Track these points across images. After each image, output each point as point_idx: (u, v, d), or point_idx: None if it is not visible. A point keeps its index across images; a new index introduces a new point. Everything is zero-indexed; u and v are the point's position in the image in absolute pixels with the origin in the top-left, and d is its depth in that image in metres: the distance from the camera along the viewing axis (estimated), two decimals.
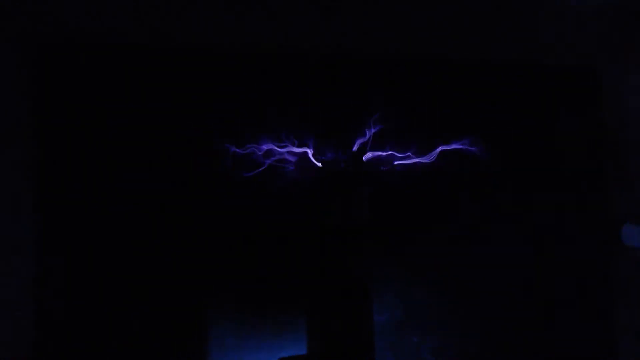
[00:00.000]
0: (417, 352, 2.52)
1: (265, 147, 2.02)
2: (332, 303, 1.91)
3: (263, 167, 2.03)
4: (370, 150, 1.99)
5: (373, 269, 2.09)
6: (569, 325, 2.66)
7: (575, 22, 2.64)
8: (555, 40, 2.66)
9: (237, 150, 2.06)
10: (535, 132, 2.69)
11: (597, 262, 2.71)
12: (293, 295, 2.33)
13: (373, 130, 1.99)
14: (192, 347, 2.35)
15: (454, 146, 2.06)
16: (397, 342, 2.51)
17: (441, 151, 2.15)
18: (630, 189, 2.73)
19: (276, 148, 2.00)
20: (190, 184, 2.35)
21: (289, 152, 1.99)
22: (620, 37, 2.75)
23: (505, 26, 2.49)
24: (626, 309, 2.68)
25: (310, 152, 1.96)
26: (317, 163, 1.91)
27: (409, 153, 2.03)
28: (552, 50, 2.68)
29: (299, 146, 1.98)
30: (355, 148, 1.96)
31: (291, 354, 2.23)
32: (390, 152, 1.99)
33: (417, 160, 2.04)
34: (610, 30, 2.73)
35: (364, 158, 1.96)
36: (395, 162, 1.99)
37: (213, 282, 2.36)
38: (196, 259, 2.35)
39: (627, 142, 2.76)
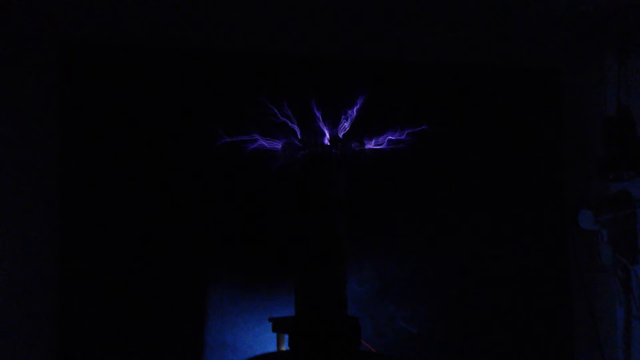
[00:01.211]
0: (392, 321, 2.85)
1: (256, 136, 2.36)
2: (313, 270, 2.24)
3: (253, 146, 2.36)
4: (348, 137, 2.34)
5: (350, 242, 2.40)
6: (531, 298, 2.99)
7: (539, 27, 2.97)
8: (519, 44, 3.00)
9: (230, 138, 2.39)
10: (500, 126, 3.04)
11: (556, 242, 3.05)
12: (281, 264, 2.68)
13: (350, 119, 2.33)
14: (192, 311, 2.69)
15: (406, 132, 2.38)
16: (375, 311, 2.84)
17: (413, 137, 2.47)
18: (586, 179, 3.07)
19: (262, 141, 2.34)
20: (195, 170, 2.71)
21: (276, 139, 2.34)
22: (582, 42, 3.09)
23: (469, 29, 2.83)
24: (580, 283, 3.01)
25: (293, 138, 2.30)
26: (299, 144, 2.26)
27: (381, 137, 2.36)
28: (515, 53, 3.03)
29: (285, 134, 2.33)
30: (333, 133, 2.31)
31: (280, 315, 2.56)
32: (365, 137, 2.34)
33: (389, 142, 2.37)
34: (572, 36, 3.06)
35: (340, 142, 2.30)
36: (368, 146, 2.33)
37: (210, 253, 2.71)
38: (195, 233, 2.70)
39: (584, 137, 3.09)
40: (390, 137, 2.34)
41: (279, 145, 2.33)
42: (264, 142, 2.35)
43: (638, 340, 2.80)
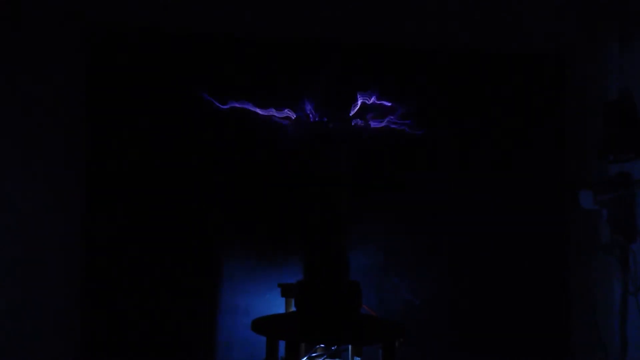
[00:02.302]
0: (397, 291, 3.01)
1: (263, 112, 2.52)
2: (317, 238, 2.40)
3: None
4: (352, 115, 2.48)
5: (356, 216, 2.56)
6: (530, 273, 3.12)
7: (543, 13, 3.06)
8: (523, 30, 3.10)
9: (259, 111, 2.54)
10: (504, 108, 3.16)
11: (558, 220, 3.17)
12: (290, 234, 2.86)
13: (359, 101, 2.49)
14: (206, 279, 2.88)
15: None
16: (380, 283, 3.00)
17: (419, 117, 2.60)
18: (585, 162, 3.17)
19: (275, 114, 2.50)
20: (210, 148, 2.90)
21: (285, 118, 2.50)
22: (585, 28, 3.18)
23: (475, 16, 2.94)
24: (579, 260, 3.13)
25: (302, 115, 2.46)
26: (307, 121, 2.42)
27: (386, 118, 2.50)
28: (520, 39, 3.14)
29: (295, 111, 2.49)
30: (339, 111, 2.46)
31: (289, 282, 2.72)
32: (370, 115, 2.48)
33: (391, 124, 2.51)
34: (576, 22, 3.14)
35: (344, 120, 2.45)
36: (372, 123, 2.47)
37: (223, 224, 2.91)
38: (210, 206, 2.89)
39: (586, 120, 3.19)
40: (392, 117, 2.48)
41: (287, 122, 2.50)
42: (276, 119, 2.51)
43: (633, 315, 2.90)
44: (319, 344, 2.42)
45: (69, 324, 2.78)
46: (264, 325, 2.35)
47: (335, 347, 2.41)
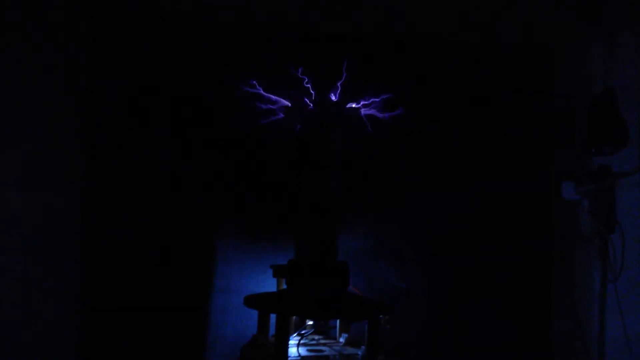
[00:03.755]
0: (384, 275, 3.12)
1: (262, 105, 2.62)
2: (307, 220, 2.51)
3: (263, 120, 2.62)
4: (342, 100, 2.60)
5: (346, 201, 2.67)
6: (514, 261, 3.25)
7: (531, 8, 3.17)
8: (512, 24, 3.21)
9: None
10: (493, 100, 3.28)
11: (541, 211, 3.30)
12: (282, 217, 2.97)
13: (345, 86, 2.59)
14: (202, 260, 2.99)
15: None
16: (368, 267, 3.11)
17: (408, 108, 2.71)
18: (570, 155, 3.29)
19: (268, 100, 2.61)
20: (206, 135, 3.01)
21: (279, 108, 2.60)
22: (572, 23, 3.29)
23: (464, 9, 3.05)
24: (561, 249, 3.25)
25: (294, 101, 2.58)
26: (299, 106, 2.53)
27: (373, 102, 2.62)
28: (509, 33, 3.25)
29: (290, 99, 2.60)
30: (329, 97, 2.57)
31: (281, 263, 2.83)
32: (359, 101, 2.60)
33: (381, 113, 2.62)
34: (564, 17, 3.25)
35: (335, 105, 2.56)
36: (362, 110, 2.59)
37: (217, 207, 3.01)
38: (204, 189, 3.00)
39: (572, 114, 3.31)
40: (379, 101, 2.59)
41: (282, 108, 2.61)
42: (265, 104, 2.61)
43: (612, 302, 3.02)
44: (307, 319, 2.54)
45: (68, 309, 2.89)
46: (255, 300, 2.47)
47: (324, 321, 2.53)
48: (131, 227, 2.92)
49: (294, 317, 2.59)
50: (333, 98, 2.58)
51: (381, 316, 2.36)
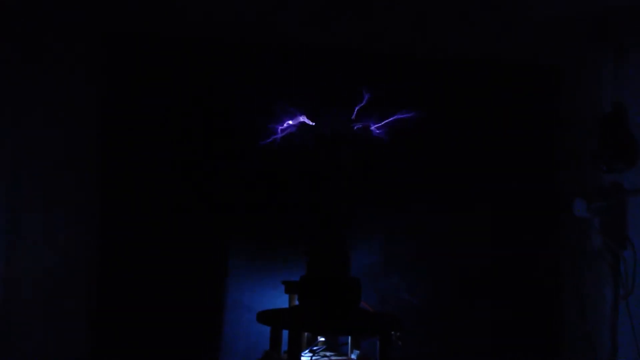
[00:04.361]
0: (396, 290, 3.14)
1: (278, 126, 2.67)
2: (320, 236, 2.54)
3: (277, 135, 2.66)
4: (355, 119, 2.63)
5: (359, 218, 2.70)
6: (524, 278, 3.25)
7: (540, 26, 3.20)
8: (521, 42, 3.24)
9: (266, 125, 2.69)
10: (503, 117, 3.31)
11: (551, 228, 3.31)
12: (295, 233, 3.00)
13: (359, 105, 2.63)
14: (214, 276, 3.03)
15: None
16: (381, 282, 3.13)
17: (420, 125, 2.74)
18: (582, 172, 3.30)
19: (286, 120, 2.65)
20: (218, 153, 3.05)
21: (293, 124, 2.64)
22: (581, 41, 3.31)
23: (474, 27, 3.08)
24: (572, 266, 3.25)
25: (308, 121, 2.62)
26: (311, 123, 2.57)
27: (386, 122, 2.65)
28: (518, 50, 3.28)
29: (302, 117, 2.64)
30: (342, 116, 2.61)
31: (293, 279, 2.85)
32: (371, 120, 2.63)
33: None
34: (572, 35, 3.28)
35: (347, 124, 2.60)
36: (373, 127, 2.62)
37: (231, 224, 3.06)
38: (217, 206, 3.04)
39: (581, 130, 3.32)
40: (392, 121, 2.63)
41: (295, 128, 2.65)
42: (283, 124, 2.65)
43: (623, 319, 3.01)
44: (319, 335, 2.56)
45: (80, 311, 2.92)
46: (268, 316, 2.49)
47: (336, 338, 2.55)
48: (146, 244, 2.96)
49: (306, 334, 2.61)
50: (347, 116, 2.62)
51: (393, 332, 2.37)
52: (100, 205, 2.96)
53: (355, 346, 2.62)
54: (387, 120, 2.64)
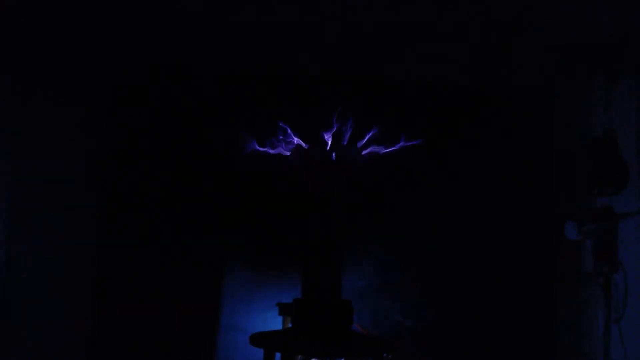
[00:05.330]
0: (389, 313, 3.15)
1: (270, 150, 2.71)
2: (312, 260, 2.56)
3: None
4: (348, 144, 2.67)
5: (351, 241, 2.73)
6: (518, 301, 3.27)
7: (533, 53, 3.27)
8: (514, 68, 3.31)
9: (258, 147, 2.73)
10: (496, 141, 3.36)
11: (544, 251, 3.34)
12: (288, 256, 3.03)
13: (349, 132, 2.67)
14: (208, 298, 3.05)
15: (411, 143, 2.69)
16: (374, 305, 3.15)
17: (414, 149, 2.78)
18: (572, 195, 3.34)
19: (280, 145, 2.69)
20: (214, 175, 3.09)
21: (286, 147, 2.68)
22: (573, 67, 3.38)
23: (469, 54, 3.15)
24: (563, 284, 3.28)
25: (303, 145, 2.65)
26: (305, 145, 2.61)
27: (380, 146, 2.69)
28: (511, 76, 3.35)
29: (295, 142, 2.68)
30: (335, 141, 2.65)
31: (287, 301, 2.87)
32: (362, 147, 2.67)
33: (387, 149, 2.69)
34: (564, 62, 3.35)
35: (340, 148, 2.63)
36: (366, 152, 2.66)
37: (225, 247, 3.09)
38: (212, 229, 3.07)
39: (573, 155, 3.37)
40: (385, 148, 2.67)
41: (287, 152, 2.68)
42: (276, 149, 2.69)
43: (615, 340, 3.03)
44: (313, 357, 2.56)
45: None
46: (261, 339, 2.50)
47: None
48: (141, 265, 2.98)
49: (299, 356, 2.62)
50: (340, 141, 2.65)
51: (385, 354, 2.39)
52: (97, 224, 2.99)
53: None
54: (387, 148, 2.68)
